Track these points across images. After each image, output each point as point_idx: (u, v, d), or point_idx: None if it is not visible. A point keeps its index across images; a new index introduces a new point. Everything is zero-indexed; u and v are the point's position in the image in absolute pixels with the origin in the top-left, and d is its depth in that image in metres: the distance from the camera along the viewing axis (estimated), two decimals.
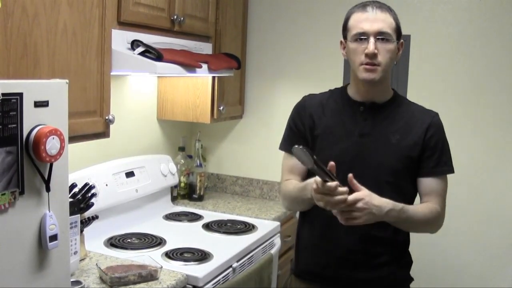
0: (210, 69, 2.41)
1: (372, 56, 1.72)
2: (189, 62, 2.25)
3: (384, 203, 1.65)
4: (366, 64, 1.73)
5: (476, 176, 2.77)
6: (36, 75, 1.65)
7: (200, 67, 2.31)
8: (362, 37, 1.73)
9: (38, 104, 1.38)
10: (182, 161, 3.04)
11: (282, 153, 1.98)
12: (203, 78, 2.80)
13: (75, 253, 1.92)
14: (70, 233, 1.82)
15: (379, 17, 1.74)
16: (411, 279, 1.92)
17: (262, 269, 2.39)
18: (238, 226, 2.61)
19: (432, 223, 1.83)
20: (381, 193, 1.74)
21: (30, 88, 1.36)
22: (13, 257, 1.34)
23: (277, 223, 2.72)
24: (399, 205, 1.69)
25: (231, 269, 2.21)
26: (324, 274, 1.85)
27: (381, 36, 1.73)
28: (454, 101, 2.78)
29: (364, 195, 1.61)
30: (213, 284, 2.08)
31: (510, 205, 2.73)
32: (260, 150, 3.19)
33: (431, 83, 2.81)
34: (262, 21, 3.12)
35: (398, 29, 1.79)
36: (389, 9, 1.79)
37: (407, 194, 1.84)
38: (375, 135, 1.80)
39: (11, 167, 1.31)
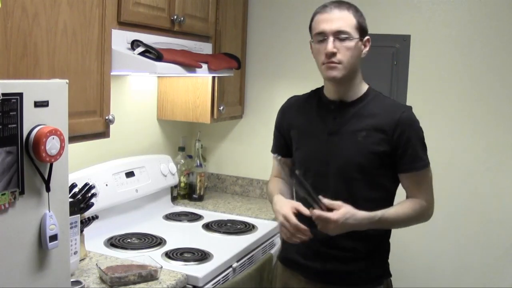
0: (210, 69, 2.41)
1: (331, 55, 1.77)
2: (189, 62, 2.25)
3: (359, 219, 1.72)
4: (327, 63, 1.79)
5: (476, 176, 2.77)
6: (36, 75, 1.65)
7: (200, 67, 2.31)
8: (322, 37, 1.79)
9: (38, 104, 1.38)
10: (182, 161, 3.04)
11: None
12: (203, 78, 2.80)
13: (75, 253, 1.92)
14: (70, 233, 1.82)
15: (336, 16, 1.77)
16: (388, 275, 1.95)
17: (262, 269, 2.39)
18: (238, 226, 2.61)
19: (418, 218, 1.88)
20: (350, 190, 1.82)
21: (30, 88, 1.36)
22: (13, 257, 1.34)
23: (277, 223, 2.72)
24: (376, 217, 1.75)
25: (231, 269, 2.21)
26: (304, 264, 1.91)
27: (339, 35, 1.76)
28: (454, 101, 2.78)
29: (342, 215, 1.69)
30: (213, 284, 2.08)
31: (510, 205, 2.73)
32: (260, 150, 3.18)
33: (431, 83, 2.81)
34: (262, 21, 3.12)
35: (360, 26, 1.80)
36: (349, 7, 1.80)
37: (384, 190, 1.87)
38: (343, 133, 1.85)
39: (11, 167, 1.31)
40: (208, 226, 2.60)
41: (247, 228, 2.60)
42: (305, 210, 1.74)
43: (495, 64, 2.70)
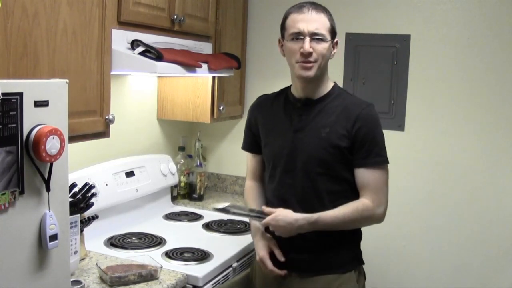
0: (210, 69, 2.41)
1: (308, 54, 1.85)
2: (189, 61, 2.25)
3: (293, 220, 1.82)
4: (303, 62, 1.86)
5: (476, 176, 2.77)
6: (36, 75, 1.65)
7: (200, 66, 2.31)
8: (298, 36, 1.86)
9: (38, 104, 1.38)
10: (182, 160, 3.04)
11: None
12: (203, 78, 2.80)
13: (75, 253, 1.92)
14: (70, 233, 1.82)
15: (314, 18, 1.86)
16: (358, 263, 1.99)
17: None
18: (238, 226, 2.61)
19: (362, 220, 1.90)
20: (315, 185, 1.89)
21: (30, 88, 1.36)
22: (13, 257, 1.34)
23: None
24: (313, 217, 1.83)
25: (231, 269, 2.21)
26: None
27: (316, 36, 1.85)
28: (454, 101, 2.78)
29: (271, 218, 1.84)
30: (213, 284, 2.08)
31: (510, 206, 2.73)
32: None
33: (431, 83, 2.81)
34: (262, 21, 3.11)
35: (332, 29, 1.90)
36: (324, 10, 1.90)
37: (347, 184, 1.91)
38: (307, 129, 1.91)
39: (11, 167, 1.31)
40: (208, 226, 2.60)
41: (247, 227, 2.59)
42: (278, 253, 1.93)
43: (495, 64, 2.69)
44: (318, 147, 1.88)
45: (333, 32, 1.90)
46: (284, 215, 1.84)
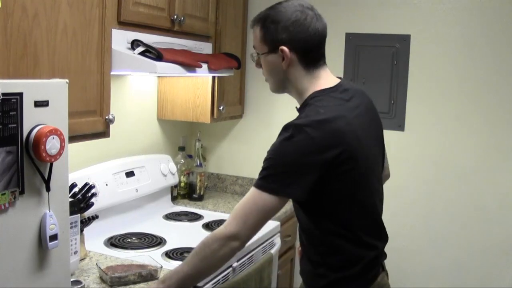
0: (210, 69, 2.41)
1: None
2: (189, 62, 2.25)
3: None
4: None
5: (476, 176, 2.77)
6: (36, 75, 1.65)
7: (200, 66, 2.31)
8: None
9: (38, 104, 1.38)
10: (182, 160, 3.05)
11: None
12: (203, 78, 2.80)
13: (75, 253, 1.92)
14: (70, 233, 1.82)
15: (253, 34, 1.75)
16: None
17: (262, 268, 2.39)
18: None
19: (213, 255, 1.62)
20: None
21: (30, 88, 1.36)
22: (13, 257, 1.34)
23: (277, 223, 2.72)
24: (171, 272, 1.68)
25: (231, 268, 2.21)
26: None
27: (255, 52, 1.74)
28: (454, 101, 2.78)
29: None
30: (213, 284, 2.08)
31: (510, 205, 2.73)
32: (260, 150, 3.17)
33: (431, 83, 2.81)
34: None
35: (266, 39, 1.66)
36: (259, 20, 1.70)
37: (301, 209, 1.74)
38: None
39: (11, 167, 1.31)
40: (208, 226, 2.60)
41: None
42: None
43: (495, 63, 2.70)
44: None
45: (270, 42, 1.64)
46: None
